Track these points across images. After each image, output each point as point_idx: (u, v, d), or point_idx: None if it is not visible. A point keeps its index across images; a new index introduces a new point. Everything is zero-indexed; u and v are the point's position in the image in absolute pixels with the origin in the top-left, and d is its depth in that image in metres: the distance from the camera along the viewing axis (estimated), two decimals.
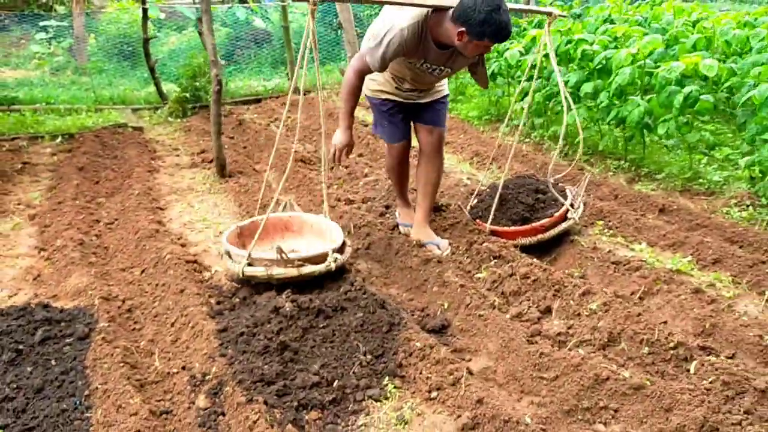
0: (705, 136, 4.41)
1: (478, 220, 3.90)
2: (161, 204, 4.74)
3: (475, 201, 4.14)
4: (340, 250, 3.30)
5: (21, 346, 2.68)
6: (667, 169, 4.83)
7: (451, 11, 3.12)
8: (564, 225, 3.74)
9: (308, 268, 3.07)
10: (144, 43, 8.18)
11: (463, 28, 3.08)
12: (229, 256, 3.24)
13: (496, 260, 3.42)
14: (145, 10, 8.15)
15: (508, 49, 6.21)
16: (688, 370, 2.47)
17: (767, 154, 3.75)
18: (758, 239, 3.67)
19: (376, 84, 3.75)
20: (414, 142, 3.93)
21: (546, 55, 4.74)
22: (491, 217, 3.80)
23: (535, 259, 3.24)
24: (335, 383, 2.44)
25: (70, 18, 10.61)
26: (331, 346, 2.64)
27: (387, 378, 2.53)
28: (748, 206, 4.14)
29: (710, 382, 2.32)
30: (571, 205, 3.82)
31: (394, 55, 3.26)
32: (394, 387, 2.50)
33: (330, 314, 2.76)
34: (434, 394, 2.42)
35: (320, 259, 3.14)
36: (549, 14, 3.80)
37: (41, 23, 10.64)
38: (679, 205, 4.24)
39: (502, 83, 6.76)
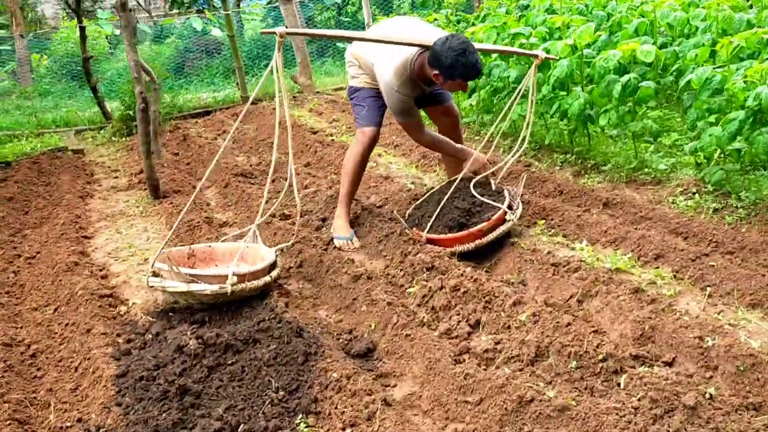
0: (648, 124, 4.26)
1: (415, 229, 3.72)
2: (89, 232, 4.50)
3: (412, 209, 3.96)
4: (269, 271, 3.19)
5: None
6: (613, 160, 4.68)
7: (426, 56, 3.45)
8: (502, 228, 3.58)
9: (199, 286, 2.93)
10: (83, 62, 7.92)
11: (437, 71, 3.39)
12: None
13: (428, 272, 3.24)
14: (82, 29, 7.88)
15: None
16: (619, 384, 2.30)
17: (708, 139, 3.60)
18: (702, 229, 3.52)
19: (368, 78, 3.87)
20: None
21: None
22: (429, 225, 3.62)
23: (467, 269, 3.06)
24: (240, 428, 2.24)
25: (12, 41, 10.28)
26: (239, 384, 2.44)
27: (300, 416, 2.33)
28: (694, 194, 4.00)
29: (638, 399, 2.15)
30: (510, 206, 3.66)
31: (411, 108, 3.70)
32: (307, 426, 2.30)
33: (240, 348, 2.56)
34: (348, 431, 2.23)
35: (220, 279, 3.00)
36: (535, 56, 4.02)
37: None
38: (623, 198, 4.09)
39: None
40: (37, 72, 11.84)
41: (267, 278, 3.13)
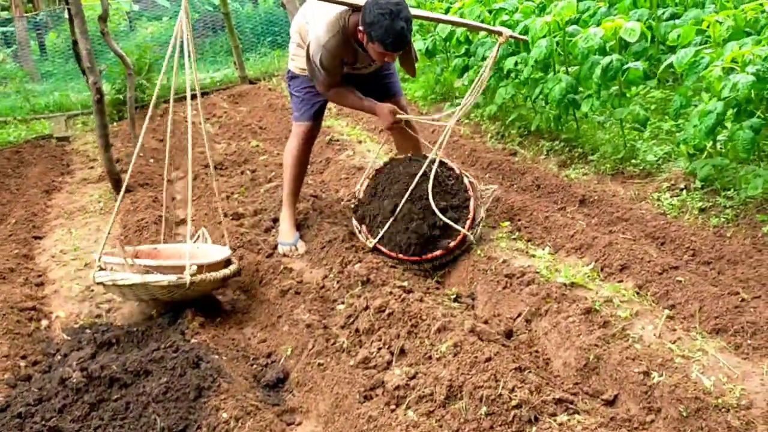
0: (635, 110, 3.83)
1: (364, 229, 3.38)
2: (43, 231, 4.33)
3: (366, 188, 3.52)
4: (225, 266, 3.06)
5: None
6: (601, 148, 4.27)
7: None
8: (459, 248, 3.26)
9: (154, 277, 2.78)
10: (73, 45, 7.72)
11: (361, 27, 2.98)
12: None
13: (363, 285, 2.94)
14: (69, 10, 7.67)
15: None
16: None
17: (693, 130, 3.18)
18: (681, 234, 3.14)
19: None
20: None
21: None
22: (379, 235, 3.28)
23: (395, 288, 2.76)
24: None
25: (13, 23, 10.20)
26: (121, 424, 2.21)
27: None
28: (682, 190, 3.58)
29: None
30: (474, 220, 3.30)
31: (333, 68, 3.21)
32: None
33: (128, 382, 2.33)
34: None
35: (177, 270, 2.84)
36: (499, 33, 3.54)
37: None
38: (602, 195, 3.71)
39: (441, 60, 6.18)
40: (48, 52, 11.79)
41: (226, 271, 2.97)
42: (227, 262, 3.13)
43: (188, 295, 2.90)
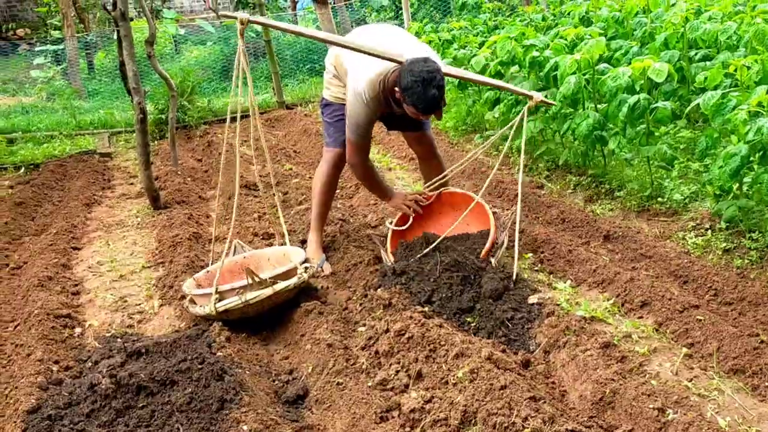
0: (662, 149, 3.86)
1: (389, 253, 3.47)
2: (82, 242, 4.50)
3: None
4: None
5: None
6: (628, 185, 4.30)
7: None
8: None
9: (282, 284, 3.04)
10: (120, 66, 8.04)
11: (398, 88, 3.14)
12: (193, 302, 3.18)
13: (385, 309, 3.01)
14: (118, 32, 8.00)
15: (474, 55, 5.76)
16: None
17: (718, 172, 3.20)
18: (704, 274, 3.15)
19: (341, 92, 3.62)
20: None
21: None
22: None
23: (416, 313, 2.82)
24: None
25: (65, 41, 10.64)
26: (146, 431, 2.30)
27: None
28: (707, 230, 3.60)
29: None
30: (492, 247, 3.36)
31: (367, 125, 3.38)
32: None
33: (154, 391, 2.42)
34: None
35: (291, 273, 3.15)
36: (530, 97, 3.63)
37: (37, 48, 10.71)
38: (627, 231, 3.73)
39: (473, 92, 6.28)
40: (96, 71, 12.22)
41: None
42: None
43: (289, 297, 3.16)
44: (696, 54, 4.65)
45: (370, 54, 3.24)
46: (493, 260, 3.29)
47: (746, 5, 5.61)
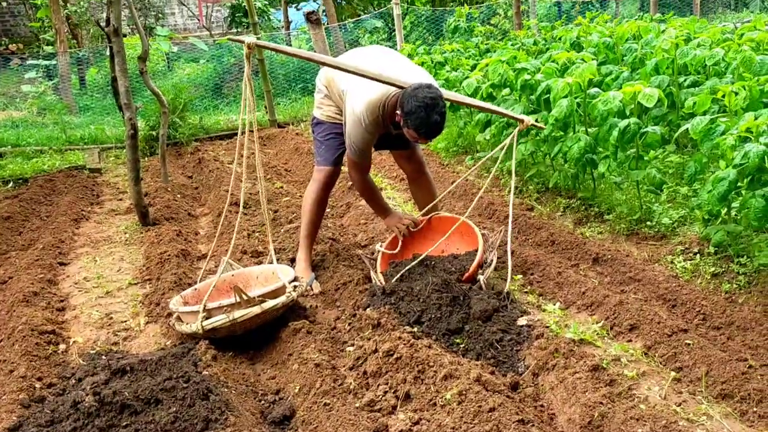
0: (651, 173, 3.89)
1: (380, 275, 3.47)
2: (69, 258, 4.46)
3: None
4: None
5: None
6: (618, 209, 4.32)
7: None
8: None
9: (270, 303, 3.02)
10: (112, 81, 8.04)
11: (399, 112, 3.20)
12: (180, 320, 3.16)
13: (374, 329, 2.99)
14: (111, 48, 8.03)
15: (466, 77, 5.81)
16: None
17: (706, 196, 3.22)
18: (692, 298, 3.16)
19: (333, 111, 3.69)
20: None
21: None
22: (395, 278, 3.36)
23: (404, 334, 2.80)
24: None
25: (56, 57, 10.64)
26: None
27: None
28: (695, 254, 3.62)
29: None
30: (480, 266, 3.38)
31: (367, 146, 3.46)
32: None
33: (138, 409, 2.38)
34: None
35: (279, 292, 3.14)
36: (521, 121, 3.68)
37: (29, 62, 10.70)
38: (616, 255, 3.74)
39: (465, 114, 6.33)
40: (88, 86, 12.22)
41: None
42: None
43: (278, 315, 3.14)
44: (685, 80, 4.71)
45: (377, 80, 3.26)
46: (481, 278, 3.29)
47: (734, 33, 5.73)
